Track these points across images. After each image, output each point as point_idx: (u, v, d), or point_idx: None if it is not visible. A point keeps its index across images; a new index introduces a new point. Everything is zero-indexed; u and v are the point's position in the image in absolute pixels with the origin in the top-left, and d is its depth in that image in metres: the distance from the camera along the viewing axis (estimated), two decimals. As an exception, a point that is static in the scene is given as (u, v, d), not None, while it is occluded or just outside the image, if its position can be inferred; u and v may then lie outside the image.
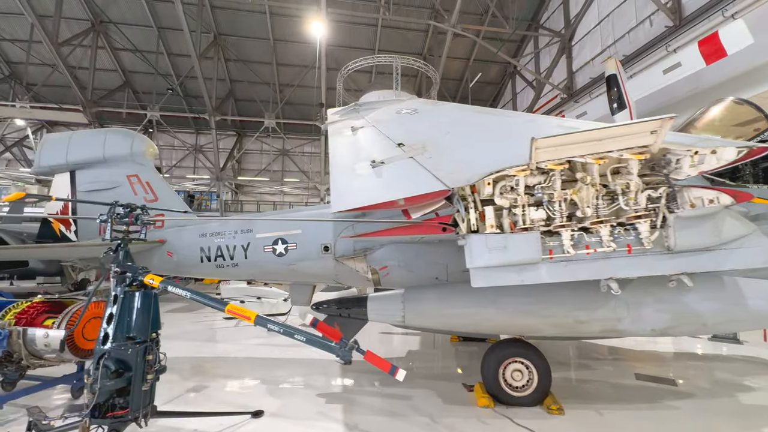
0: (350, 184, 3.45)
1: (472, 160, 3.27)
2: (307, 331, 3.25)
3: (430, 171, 3.24)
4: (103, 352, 3.11)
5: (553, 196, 2.95)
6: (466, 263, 3.09)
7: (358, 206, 2.99)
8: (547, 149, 2.80)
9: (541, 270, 2.94)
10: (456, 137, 4.11)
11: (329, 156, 4.54)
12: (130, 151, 7.96)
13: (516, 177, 2.94)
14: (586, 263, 2.92)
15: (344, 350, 2.93)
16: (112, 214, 3.57)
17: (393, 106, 6.58)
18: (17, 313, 4.44)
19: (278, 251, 6.82)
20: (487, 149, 3.43)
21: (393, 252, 5.80)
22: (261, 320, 3.02)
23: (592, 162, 2.82)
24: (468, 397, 5.19)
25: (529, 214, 2.99)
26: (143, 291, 3.39)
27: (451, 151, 3.71)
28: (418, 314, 4.41)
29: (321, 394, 5.32)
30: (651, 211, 2.94)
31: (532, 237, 2.89)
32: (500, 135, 3.84)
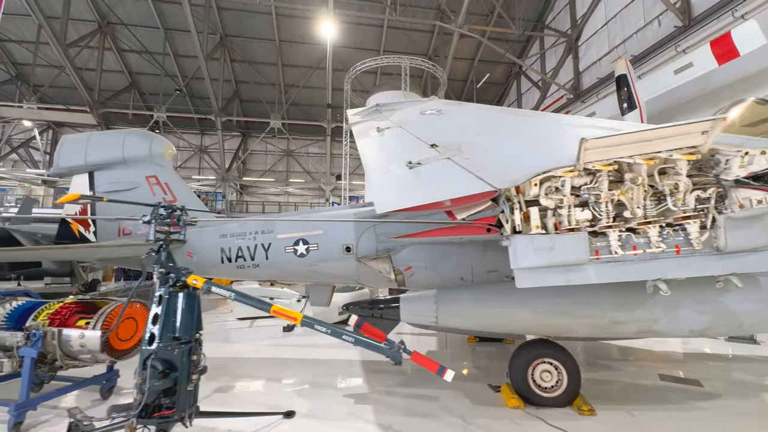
0: (391, 185, 3.46)
1: (516, 161, 3.28)
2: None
3: (471, 172, 3.24)
4: (149, 352, 3.12)
5: (600, 197, 2.95)
6: (511, 264, 3.09)
7: (403, 207, 3.00)
8: (596, 150, 2.80)
9: (588, 271, 2.94)
10: (491, 138, 4.11)
11: (361, 157, 4.55)
12: (149, 152, 7.98)
13: (562, 178, 2.95)
14: (634, 264, 2.92)
15: (394, 351, 2.93)
16: (155, 215, 3.58)
17: (416, 107, 6.59)
18: (50, 314, 4.46)
19: (299, 252, 6.82)
20: (531, 150, 3.44)
21: (418, 253, 5.81)
22: (307, 321, 3.03)
23: (641, 162, 2.82)
24: (496, 397, 5.18)
25: (575, 215, 2.99)
26: (186, 291, 3.40)
27: (489, 152, 3.71)
28: (452, 315, 4.42)
29: (348, 395, 5.32)
30: (700, 211, 2.94)
31: (579, 238, 2.90)
32: (541, 136, 3.85)
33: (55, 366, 4.43)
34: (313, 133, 33.04)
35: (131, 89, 28.95)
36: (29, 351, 4.07)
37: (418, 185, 3.41)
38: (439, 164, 3.63)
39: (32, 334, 4.15)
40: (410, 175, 3.55)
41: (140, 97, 29.61)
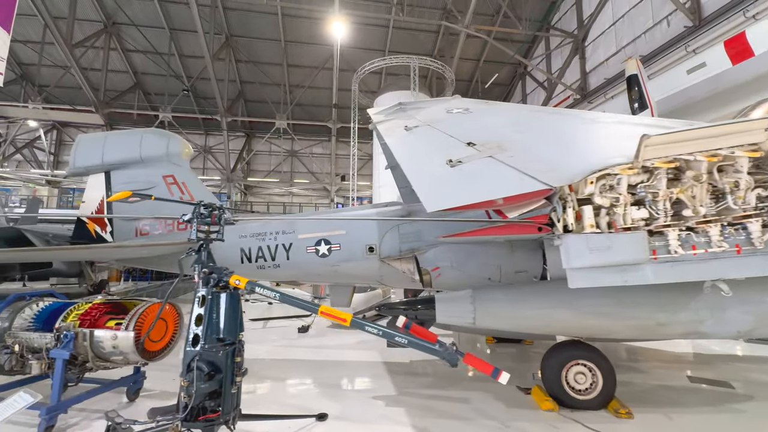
0: (437, 184, 3.39)
1: (567, 158, 3.21)
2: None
3: (520, 170, 3.17)
4: (194, 354, 3.05)
5: (658, 195, 2.89)
6: (563, 264, 3.02)
7: (455, 206, 2.93)
8: (656, 147, 2.74)
9: (646, 271, 2.87)
10: (533, 136, 4.05)
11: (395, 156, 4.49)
12: (166, 151, 7.93)
13: (619, 175, 2.89)
14: (694, 264, 2.86)
15: (449, 352, 2.86)
16: (196, 214, 3.51)
17: (440, 105, 6.54)
18: (80, 315, 4.38)
19: (321, 252, 6.76)
20: (582, 148, 3.38)
21: (445, 253, 5.75)
22: (357, 322, 2.95)
23: (702, 159, 2.76)
24: (527, 400, 5.11)
25: (631, 213, 2.93)
26: (229, 292, 3.33)
27: (535, 150, 3.64)
28: (489, 315, 4.35)
29: (376, 397, 5.25)
30: (761, 210, 2.88)
31: (638, 237, 2.83)
32: (587, 133, 3.78)
33: (86, 368, 4.36)
34: (318, 134, 32.98)
35: (136, 89, 28.89)
36: (61, 353, 3.99)
37: (465, 183, 3.34)
38: (482, 162, 3.56)
39: (63, 335, 4.08)
40: (454, 174, 3.48)
41: (145, 98, 29.54)
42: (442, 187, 3.33)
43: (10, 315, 4.48)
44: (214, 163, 32.38)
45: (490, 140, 3.97)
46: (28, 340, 4.32)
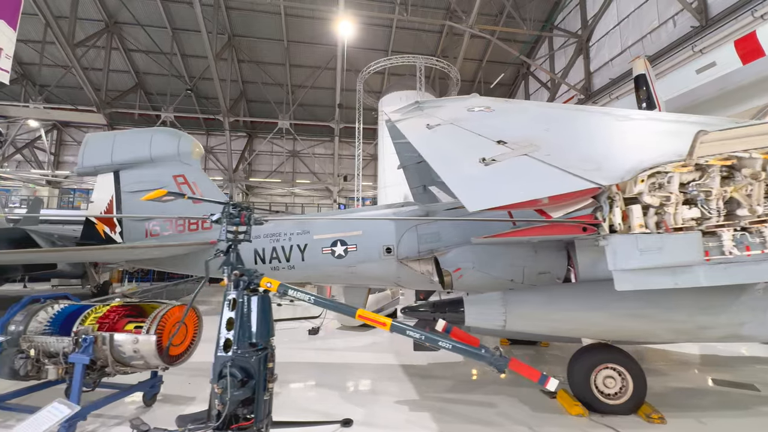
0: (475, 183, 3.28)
1: (612, 156, 3.10)
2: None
3: (562, 169, 3.06)
4: (226, 359, 2.93)
5: (711, 194, 2.79)
6: (609, 265, 2.91)
7: (499, 205, 2.82)
8: (711, 144, 2.63)
9: (698, 272, 2.77)
10: (567, 134, 3.94)
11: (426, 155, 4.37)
12: (176, 150, 7.80)
13: (670, 173, 2.78)
14: (748, 265, 2.76)
15: (496, 358, 2.74)
16: (226, 214, 3.39)
17: (459, 104, 6.42)
18: (98, 318, 4.25)
19: (337, 253, 6.65)
20: (630, 146, 3.27)
21: (467, 254, 5.65)
22: (398, 326, 2.83)
23: (757, 157, 2.66)
24: (553, 404, 5.00)
25: (682, 213, 2.83)
26: (260, 295, 3.22)
27: (572, 149, 3.54)
28: (521, 318, 4.24)
29: (399, 401, 5.13)
30: (818, 209, 2.78)
31: (693, 237, 2.73)
32: (628, 131, 3.68)
33: (104, 372, 4.23)
34: (320, 134, 32.87)
35: (137, 89, 28.71)
36: (80, 357, 3.87)
37: (504, 182, 3.23)
38: (517, 161, 3.45)
39: (82, 339, 3.95)
40: (490, 173, 3.37)
41: (146, 98, 29.37)
42: (481, 186, 3.22)
43: (25, 318, 4.34)
44: (215, 164, 32.23)
45: (521, 138, 3.86)
46: (45, 344, 4.19)
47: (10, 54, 8.71)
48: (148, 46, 26.42)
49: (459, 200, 3.43)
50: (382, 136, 18.81)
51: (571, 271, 5.37)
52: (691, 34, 16.70)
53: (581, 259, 4.41)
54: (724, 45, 13.63)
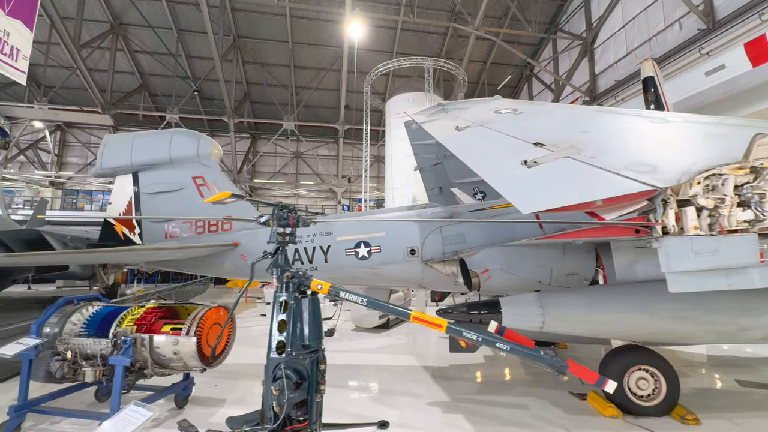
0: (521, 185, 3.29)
1: (666, 159, 3.13)
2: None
3: (611, 171, 3.08)
4: (278, 361, 2.92)
5: (765, 196, 2.81)
6: (662, 267, 2.93)
7: (554, 207, 2.83)
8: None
9: (752, 274, 2.78)
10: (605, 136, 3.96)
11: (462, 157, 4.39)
12: (196, 152, 7.79)
13: (725, 176, 2.80)
14: (802, 267, 2.78)
15: (556, 360, 2.75)
16: (276, 215, 3.39)
17: (484, 106, 6.43)
18: (136, 320, 4.24)
19: (361, 254, 6.65)
20: (679, 148, 3.29)
21: (495, 255, 5.65)
22: (454, 329, 2.84)
23: (815, 159, 2.69)
24: (584, 406, 5.01)
25: (736, 215, 2.84)
26: (311, 297, 3.21)
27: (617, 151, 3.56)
28: (560, 319, 4.24)
29: (431, 403, 5.13)
30: None
31: (750, 239, 2.74)
32: (673, 133, 3.70)
33: (141, 374, 4.21)
34: (323, 135, 32.90)
35: (141, 90, 28.68)
36: (121, 359, 3.85)
37: (552, 184, 3.25)
38: (561, 163, 3.46)
39: (122, 341, 3.93)
40: (534, 175, 3.38)
41: (150, 99, 29.34)
42: (530, 188, 3.23)
43: (60, 320, 4.33)
44: (220, 165, 32.15)
45: (559, 140, 3.87)
46: (81, 346, 4.18)
47: (27, 55, 8.70)
48: (152, 48, 26.42)
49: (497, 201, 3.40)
50: (390, 138, 18.79)
51: (599, 273, 5.38)
52: (698, 36, 16.81)
53: (618, 260, 4.43)
54: (734, 47, 13.71)
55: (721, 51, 15.54)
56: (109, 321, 4.29)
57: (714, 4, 16.61)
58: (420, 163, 9.29)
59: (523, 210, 2.96)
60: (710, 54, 16.19)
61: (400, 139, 16.94)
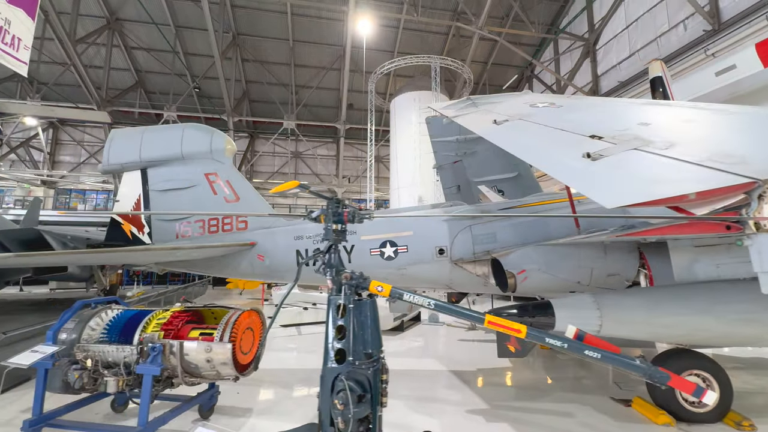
0: (598, 177, 3.05)
1: (755, 151, 2.92)
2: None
3: (697, 163, 2.85)
4: (340, 371, 2.64)
5: None
6: (755, 267, 2.70)
7: (644, 201, 2.59)
8: None
9: None
10: (670, 129, 3.74)
11: (512, 150, 4.14)
12: (209, 148, 7.45)
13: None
14: None
15: (654, 370, 2.49)
16: (331, 210, 3.10)
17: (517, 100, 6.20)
18: (162, 325, 3.91)
19: (386, 255, 6.38)
20: (762, 140, 3.08)
21: (532, 254, 5.42)
22: (535, 335, 2.58)
23: None
24: (631, 413, 4.79)
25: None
26: (370, 300, 2.94)
27: (695, 143, 3.34)
28: (619, 322, 4.02)
29: (471, 411, 4.87)
30: None
31: None
32: (747, 124, 3.50)
33: (168, 384, 3.88)
34: (322, 135, 32.56)
35: (137, 88, 28.09)
36: (150, 368, 3.52)
37: (632, 178, 3.02)
38: (630, 155, 3.22)
39: (150, 347, 3.61)
40: (606, 167, 3.15)
41: (146, 96, 28.75)
42: (606, 181, 2.99)
43: (77, 325, 3.98)
44: (217, 164, 31.56)
45: (618, 133, 3.64)
46: (103, 353, 3.83)
47: (28, 45, 8.28)
48: (149, 44, 25.88)
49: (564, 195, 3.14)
50: (395, 138, 18.55)
51: (641, 273, 5.17)
52: (704, 37, 16.86)
53: (677, 260, 4.21)
54: (744, 48, 13.71)
55: (727, 52, 15.61)
56: (132, 326, 3.96)
57: (719, 6, 16.68)
58: (439, 160, 9.06)
59: (607, 204, 2.71)
60: (716, 55, 16.25)
61: (422, 136, 16.65)
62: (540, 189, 9.57)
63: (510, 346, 4.27)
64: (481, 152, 8.65)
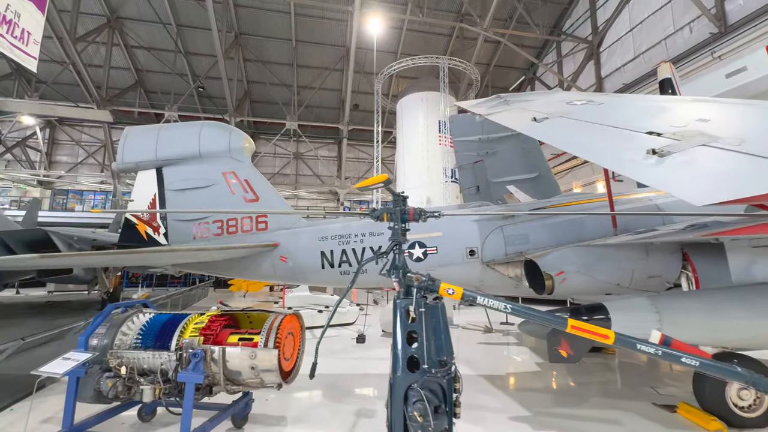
0: (674, 174, 2.91)
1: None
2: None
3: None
4: (412, 380, 2.47)
5: None
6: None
7: (736, 198, 2.45)
8: None
9: None
10: (732, 124, 3.62)
11: (564, 146, 3.99)
12: (227, 146, 7.23)
13: None
14: None
15: (757, 377, 2.34)
16: (398, 208, 2.92)
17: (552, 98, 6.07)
18: (201, 329, 3.70)
19: (416, 256, 6.21)
20: None
21: (571, 256, 5.27)
22: (626, 341, 2.42)
23: None
24: (679, 419, 4.65)
25: None
26: (440, 303, 2.77)
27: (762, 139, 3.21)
28: (680, 327, 3.86)
29: (515, 418, 4.69)
30: None
31: None
32: None
33: (210, 392, 3.67)
34: (323, 136, 32.34)
35: (137, 87, 27.71)
36: (193, 376, 3.32)
37: (715, 173, 2.88)
38: (701, 151, 3.08)
39: (192, 354, 3.40)
40: (678, 164, 3.01)
41: (146, 96, 28.38)
42: (687, 178, 2.84)
43: (109, 330, 3.76)
44: (217, 165, 31.21)
45: (678, 129, 3.51)
46: (137, 360, 3.62)
47: (38, 39, 8.03)
48: (149, 43, 25.55)
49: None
50: (402, 139, 18.38)
51: (682, 275, 5.05)
52: (710, 40, 16.93)
53: (734, 261, 4.09)
54: (755, 50, 13.77)
55: (734, 55, 15.70)
56: (167, 331, 3.74)
57: (726, 9, 16.77)
58: (460, 160, 8.91)
59: (696, 202, 2.57)
60: (722, 58, 16.34)
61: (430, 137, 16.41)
62: (559, 190, 9.47)
63: (562, 351, 4.11)
64: (502, 152, 8.52)
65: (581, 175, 24.42)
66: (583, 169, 23.91)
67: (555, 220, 5.97)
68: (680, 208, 5.99)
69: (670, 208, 5.91)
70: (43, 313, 13.41)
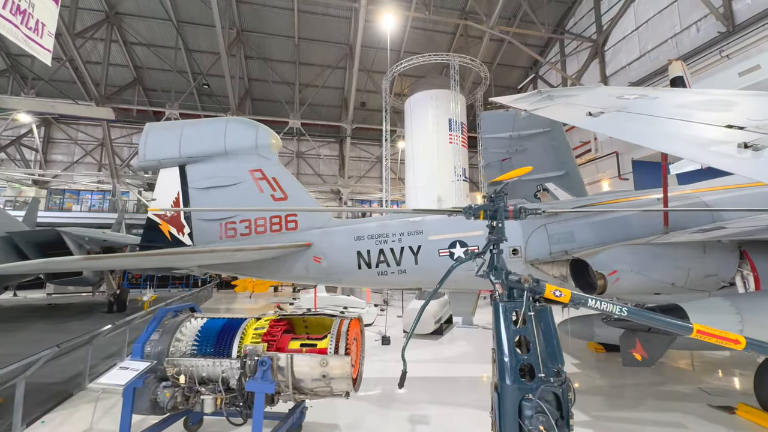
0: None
1: None
2: None
3: None
4: (527, 390, 2.29)
5: None
6: None
7: None
8: None
9: None
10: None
11: (632, 140, 3.85)
12: (254, 143, 6.99)
13: None
14: None
15: None
16: (502, 205, 2.73)
17: (599, 92, 5.92)
18: (262, 335, 3.47)
19: (456, 255, 6.03)
20: None
21: (623, 255, 5.14)
22: (757, 345, 2.27)
23: None
24: (741, 421, 4.54)
25: None
26: (549, 306, 2.59)
27: None
28: (763, 327, 3.74)
29: (577, 423, 4.53)
30: None
31: None
32: None
33: (273, 401, 3.45)
34: (325, 135, 32.03)
35: (135, 84, 27.17)
36: (263, 385, 3.10)
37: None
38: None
39: (260, 361, 3.18)
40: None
41: (145, 93, 27.84)
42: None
43: (163, 337, 3.53)
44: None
45: (761, 122, 3.40)
46: (196, 368, 3.39)
47: (52, 31, 7.69)
48: (149, 39, 25.04)
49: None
50: (412, 137, 18.22)
51: (740, 274, 4.94)
52: (718, 39, 16.99)
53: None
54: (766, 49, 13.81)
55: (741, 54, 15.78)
56: (225, 336, 3.51)
57: (733, 8, 16.84)
58: (487, 158, 8.76)
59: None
60: (730, 57, 16.42)
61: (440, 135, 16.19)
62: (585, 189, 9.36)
63: (636, 354, 3.97)
64: (531, 149, 8.39)
65: (586, 174, 24.46)
66: (588, 167, 23.93)
67: (600, 217, 5.84)
68: (729, 204, 5.90)
69: (717, 204, 5.82)
70: (47, 316, 12.99)
